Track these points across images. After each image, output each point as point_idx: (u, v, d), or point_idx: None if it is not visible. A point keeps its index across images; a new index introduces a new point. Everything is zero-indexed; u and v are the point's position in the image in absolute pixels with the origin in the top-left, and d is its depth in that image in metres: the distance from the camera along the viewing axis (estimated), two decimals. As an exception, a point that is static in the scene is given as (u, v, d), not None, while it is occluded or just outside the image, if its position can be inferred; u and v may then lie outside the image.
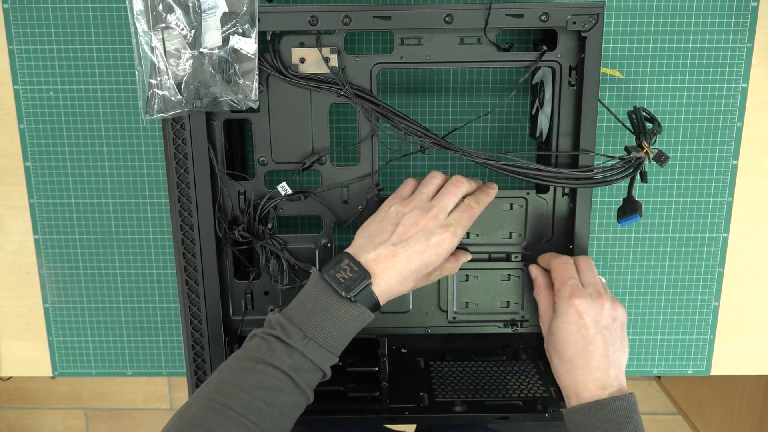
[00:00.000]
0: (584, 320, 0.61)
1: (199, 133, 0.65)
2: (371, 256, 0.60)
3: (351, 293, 0.58)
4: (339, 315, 0.58)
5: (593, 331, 0.61)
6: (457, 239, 0.62)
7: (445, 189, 0.63)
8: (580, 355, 0.61)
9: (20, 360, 0.87)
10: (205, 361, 0.70)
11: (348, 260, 0.59)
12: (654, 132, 0.66)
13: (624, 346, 0.64)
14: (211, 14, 0.61)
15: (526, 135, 0.78)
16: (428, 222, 0.61)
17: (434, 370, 0.79)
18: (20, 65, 0.76)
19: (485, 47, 0.65)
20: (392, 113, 0.65)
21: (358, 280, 0.59)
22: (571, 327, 0.62)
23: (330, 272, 0.59)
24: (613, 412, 0.59)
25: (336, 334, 0.59)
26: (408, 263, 0.60)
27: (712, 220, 0.80)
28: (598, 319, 0.62)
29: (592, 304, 0.62)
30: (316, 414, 0.73)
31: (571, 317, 0.62)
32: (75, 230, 0.81)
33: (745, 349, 0.85)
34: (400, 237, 0.60)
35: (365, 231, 0.63)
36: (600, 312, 0.62)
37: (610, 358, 0.61)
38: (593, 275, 0.65)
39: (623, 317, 0.64)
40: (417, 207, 0.62)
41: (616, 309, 0.63)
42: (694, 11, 0.74)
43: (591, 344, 0.61)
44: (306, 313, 0.59)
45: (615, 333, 0.62)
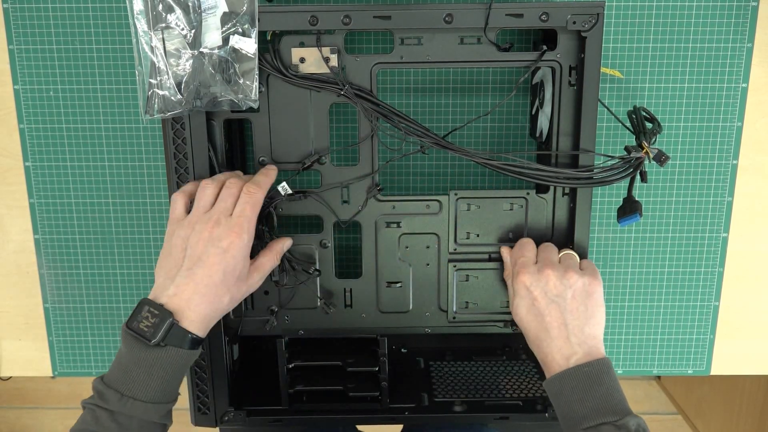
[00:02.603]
0: (533, 293, 0.62)
1: (199, 133, 0.65)
2: (170, 292, 0.58)
3: (156, 339, 0.57)
4: (152, 364, 0.57)
5: (544, 303, 0.62)
6: (247, 234, 0.60)
7: (221, 195, 0.62)
8: (539, 329, 0.62)
9: (20, 360, 0.87)
10: (205, 362, 0.70)
11: (148, 306, 0.58)
12: (654, 132, 0.66)
13: (590, 313, 0.62)
14: (211, 14, 0.61)
15: (526, 135, 0.78)
16: (212, 231, 0.59)
17: (434, 370, 0.79)
18: (20, 65, 0.76)
19: (485, 47, 0.65)
20: (392, 113, 0.65)
21: (160, 323, 0.57)
22: (525, 302, 0.63)
23: (133, 324, 0.57)
24: (582, 379, 0.59)
25: (156, 384, 0.57)
26: (210, 279, 0.58)
27: (712, 220, 0.80)
28: (547, 290, 0.62)
29: (538, 277, 0.63)
30: (317, 414, 0.73)
31: (522, 293, 0.63)
32: (75, 230, 0.81)
33: (745, 349, 0.85)
34: (192, 258, 0.59)
35: (160, 269, 0.61)
36: (547, 283, 0.62)
37: (568, 325, 0.61)
38: (549, 253, 0.66)
39: (582, 284, 0.62)
40: (197, 222, 0.60)
41: (568, 278, 0.62)
42: (694, 11, 0.74)
43: (546, 316, 0.62)
44: (121, 372, 0.57)
45: (573, 300, 0.62)
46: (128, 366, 0.57)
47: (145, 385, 0.57)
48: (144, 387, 0.57)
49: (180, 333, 0.58)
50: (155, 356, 0.57)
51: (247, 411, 0.72)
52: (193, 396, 0.72)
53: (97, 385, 0.58)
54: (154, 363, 0.57)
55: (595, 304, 0.63)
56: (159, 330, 0.57)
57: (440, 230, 0.70)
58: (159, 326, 0.57)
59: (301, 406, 0.74)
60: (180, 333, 0.58)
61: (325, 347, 0.77)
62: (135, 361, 0.57)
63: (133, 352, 0.57)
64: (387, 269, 0.71)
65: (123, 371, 0.58)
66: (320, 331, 0.72)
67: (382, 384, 0.72)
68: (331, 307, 0.71)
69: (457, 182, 0.80)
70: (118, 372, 0.58)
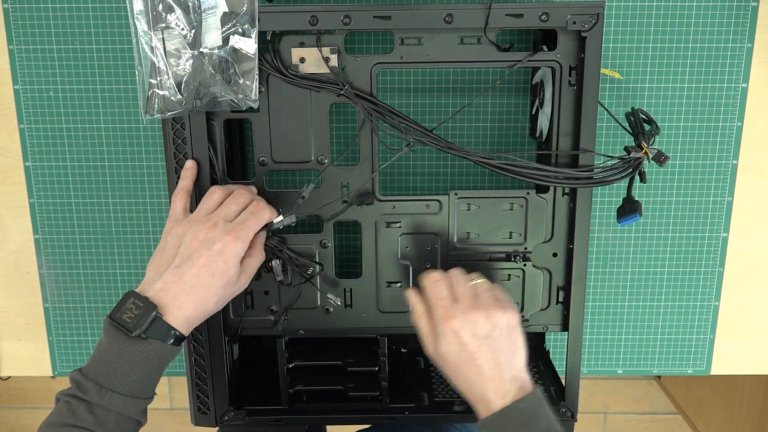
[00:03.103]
0: (463, 339, 0.60)
1: (199, 133, 0.65)
2: (158, 286, 0.58)
3: (139, 330, 0.56)
4: (133, 357, 0.56)
5: (475, 346, 0.59)
6: (242, 241, 0.60)
7: (226, 202, 0.62)
8: (471, 371, 0.60)
9: (20, 360, 0.87)
10: (205, 361, 0.70)
11: (133, 298, 0.57)
12: (652, 133, 0.66)
13: (516, 346, 0.62)
14: (211, 14, 0.61)
15: (526, 135, 0.78)
16: (208, 232, 0.59)
17: (434, 370, 0.79)
18: (20, 65, 0.76)
19: (485, 47, 0.65)
20: (392, 113, 0.65)
21: (144, 315, 0.56)
22: (454, 348, 0.60)
23: (116, 315, 0.57)
24: (520, 415, 0.58)
25: (136, 377, 0.57)
26: (197, 279, 0.58)
27: (712, 220, 0.80)
28: (476, 332, 0.60)
29: (465, 320, 0.60)
30: (317, 414, 0.73)
31: (450, 339, 0.60)
32: (75, 230, 0.81)
33: (745, 349, 0.85)
34: (183, 256, 0.59)
35: (152, 264, 0.61)
36: (476, 325, 0.60)
37: (501, 364, 0.60)
38: (464, 286, 0.63)
39: (505, 319, 0.61)
40: (196, 222, 0.60)
41: (493, 316, 0.61)
42: (694, 11, 0.74)
43: (478, 358, 0.59)
44: (102, 363, 0.57)
45: (500, 338, 0.61)
46: (108, 357, 0.57)
47: (125, 377, 0.57)
48: (124, 380, 0.57)
49: (163, 327, 0.57)
50: (137, 348, 0.57)
51: (247, 411, 0.72)
52: (193, 396, 0.72)
53: (76, 376, 0.57)
54: (136, 355, 0.57)
55: (518, 335, 0.62)
56: (142, 322, 0.56)
57: (440, 230, 0.70)
58: (142, 318, 0.56)
59: (301, 406, 0.74)
60: (163, 327, 0.57)
61: (325, 347, 0.77)
62: (116, 353, 0.57)
63: (114, 343, 0.57)
64: (387, 269, 0.71)
65: (103, 363, 0.57)
66: (320, 331, 0.72)
67: (382, 384, 0.72)
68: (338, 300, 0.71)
69: (457, 182, 0.80)
70: (98, 363, 0.57)
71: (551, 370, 0.78)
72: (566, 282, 0.71)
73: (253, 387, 0.76)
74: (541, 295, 0.72)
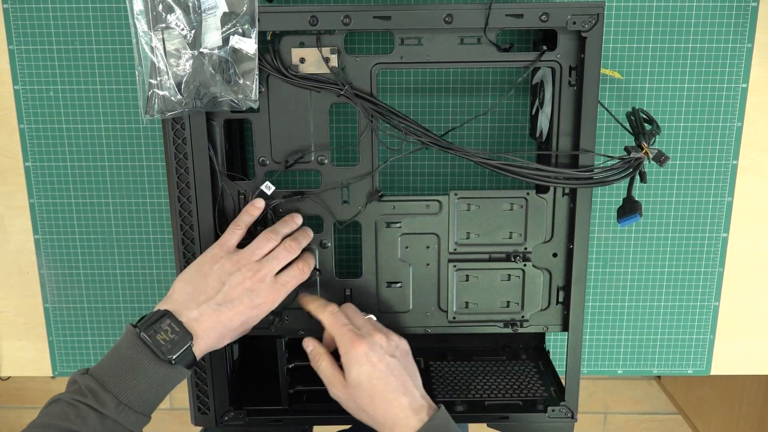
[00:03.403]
0: (373, 359, 0.61)
1: (199, 133, 0.65)
2: (194, 315, 0.59)
3: (171, 356, 0.57)
4: (157, 378, 0.57)
5: (385, 365, 0.61)
6: (279, 301, 0.64)
7: (276, 252, 0.64)
8: (388, 390, 0.61)
9: (20, 360, 0.87)
10: (205, 361, 0.70)
11: (170, 321, 0.58)
12: (653, 133, 0.66)
13: (413, 368, 0.65)
14: (211, 14, 0.61)
15: (526, 135, 0.78)
16: (255, 284, 0.62)
17: (434, 370, 0.79)
18: (20, 65, 0.76)
19: (485, 47, 0.65)
20: (392, 113, 0.65)
21: (180, 342, 0.58)
22: (366, 369, 0.61)
23: (150, 332, 0.58)
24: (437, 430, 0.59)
25: (152, 396, 0.58)
26: (230, 323, 0.61)
27: (712, 220, 0.80)
28: (384, 352, 0.62)
29: (372, 342, 0.62)
30: (317, 414, 0.73)
31: (362, 361, 0.61)
32: (75, 230, 0.81)
33: (745, 349, 0.85)
34: (226, 296, 0.61)
35: (188, 285, 0.62)
36: (381, 345, 0.62)
37: (410, 381, 0.62)
38: (360, 317, 0.66)
39: (403, 344, 0.65)
40: (245, 267, 0.62)
41: (393, 338, 0.64)
42: (694, 11, 0.74)
43: (390, 375, 0.61)
44: (120, 376, 0.57)
45: (402, 358, 0.63)
46: (130, 372, 0.57)
47: (143, 396, 0.57)
48: (141, 398, 0.57)
49: (190, 355, 0.59)
50: (164, 372, 0.58)
51: (247, 411, 0.72)
52: (193, 396, 0.72)
53: (91, 384, 0.56)
54: (160, 378, 0.58)
55: (412, 360, 0.65)
56: (177, 349, 0.58)
57: (440, 230, 0.70)
58: (177, 345, 0.58)
59: (301, 406, 0.74)
60: (190, 355, 0.59)
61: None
62: (140, 370, 0.57)
63: (140, 360, 0.57)
64: (387, 269, 0.71)
65: (122, 376, 0.57)
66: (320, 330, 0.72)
67: (382, 384, 0.72)
68: None
69: (457, 182, 0.80)
70: (116, 375, 0.57)
71: (551, 370, 0.78)
72: (566, 282, 0.71)
73: (253, 387, 0.76)
74: (541, 295, 0.72)
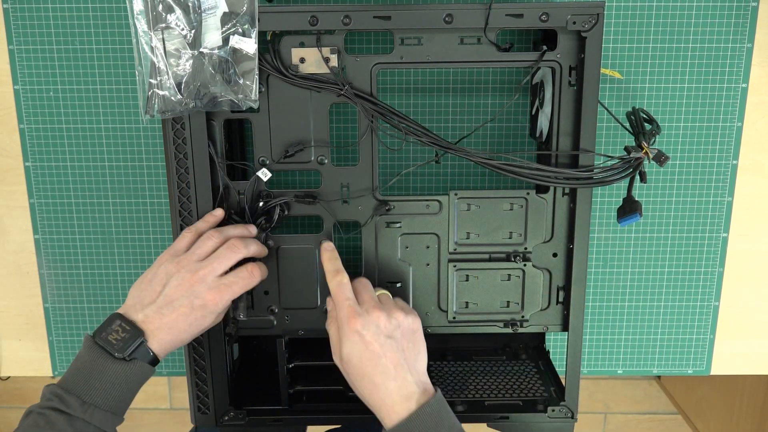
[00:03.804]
0: (366, 338, 0.60)
1: (199, 133, 0.65)
2: (140, 317, 0.61)
3: (125, 353, 0.59)
4: (117, 376, 0.59)
5: (378, 345, 0.60)
6: (224, 303, 0.62)
7: (219, 252, 0.63)
8: (376, 372, 0.60)
9: (20, 360, 0.87)
10: (205, 361, 0.70)
11: (120, 321, 0.60)
12: (653, 133, 0.66)
13: (418, 349, 0.63)
14: (211, 14, 0.61)
15: (526, 135, 0.78)
16: (194, 285, 0.61)
17: (434, 370, 0.79)
18: (20, 65, 0.76)
19: (485, 47, 0.65)
20: (392, 113, 0.65)
21: (130, 339, 0.59)
22: (358, 347, 0.61)
23: (102, 335, 0.60)
24: (429, 420, 0.59)
25: (117, 393, 0.59)
26: (175, 323, 0.61)
27: (712, 220, 0.80)
28: (379, 331, 0.61)
29: (368, 320, 0.61)
30: (317, 414, 0.73)
31: (354, 338, 0.61)
32: (75, 230, 0.81)
33: (745, 349, 0.85)
34: (166, 299, 0.61)
35: (136, 289, 0.63)
36: (378, 324, 0.61)
37: (404, 365, 0.61)
38: (368, 292, 0.65)
39: (408, 322, 0.63)
40: (185, 268, 0.62)
41: (395, 317, 0.62)
42: (694, 11, 0.74)
43: (382, 357, 0.60)
44: (83, 379, 0.59)
45: (403, 339, 0.62)
46: (90, 375, 0.59)
47: (107, 394, 0.59)
48: (106, 396, 0.59)
49: (145, 351, 0.60)
50: (122, 369, 0.59)
51: (247, 411, 0.72)
52: (193, 396, 0.72)
53: (55, 390, 0.59)
54: (119, 374, 0.59)
55: (420, 340, 0.64)
56: (128, 346, 0.59)
57: (440, 230, 0.70)
58: (129, 342, 0.59)
59: (301, 406, 0.74)
60: (145, 351, 0.60)
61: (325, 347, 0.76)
62: (99, 371, 0.59)
63: (98, 361, 0.59)
64: (387, 269, 0.71)
65: (84, 379, 0.59)
66: (320, 331, 0.72)
67: (382, 384, 0.72)
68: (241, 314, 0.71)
69: (457, 182, 0.80)
70: (78, 379, 0.59)
71: (551, 370, 0.78)
72: (566, 282, 0.71)
73: (253, 387, 0.76)
74: (541, 295, 0.72)
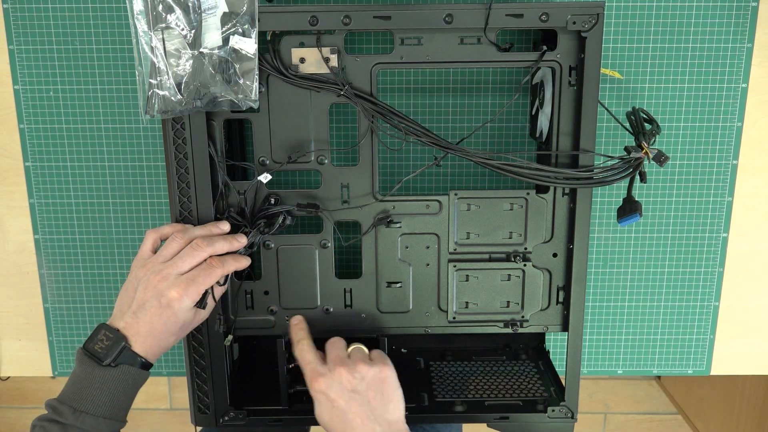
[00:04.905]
0: (330, 396, 0.62)
1: (199, 133, 0.65)
2: (121, 324, 0.63)
3: (109, 359, 0.61)
4: (104, 381, 0.61)
5: (343, 402, 0.62)
6: (190, 297, 0.63)
7: (182, 252, 0.64)
8: (346, 428, 0.61)
9: (20, 360, 0.87)
10: (205, 361, 0.70)
11: (104, 330, 0.62)
12: (653, 133, 0.66)
13: (389, 397, 0.63)
14: (211, 14, 0.61)
15: (526, 135, 0.78)
16: (158, 284, 0.62)
17: (434, 370, 0.79)
18: (20, 65, 0.76)
19: (485, 47, 0.65)
20: (392, 113, 0.65)
21: (114, 346, 0.61)
22: (325, 407, 0.62)
23: (89, 345, 0.62)
24: None
25: (108, 399, 0.61)
26: (151, 325, 0.62)
27: (712, 220, 0.80)
28: (342, 389, 0.62)
29: (330, 378, 0.62)
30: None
31: (320, 398, 0.63)
32: (75, 230, 0.81)
33: (745, 349, 0.85)
34: (138, 303, 0.63)
35: (118, 299, 0.65)
36: (341, 381, 0.62)
37: (372, 417, 0.62)
38: (335, 350, 0.66)
39: (373, 373, 0.63)
40: (150, 270, 0.63)
41: (359, 370, 0.63)
42: (694, 11, 0.74)
43: (348, 413, 0.61)
44: (75, 390, 0.61)
45: (368, 391, 0.63)
46: (81, 384, 0.61)
47: (97, 400, 0.61)
48: (96, 402, 0.61)
49: (131, 355, 0.62)
50: (108, 374, 0.61)
51: (247, 411, 0.72)
52: (193, 396, 0.72)
53: (51, 402, 0.61)
54: (107, 379, 0.61)
55: (391, 388, 0.64)
56: (112, 352, 0.61)
57: (440, 230, 0.70)
58: (112, 348, 0.61)
59: (301, 406, 0.74)
60: (131, 355, 0.62)
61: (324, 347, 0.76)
62: (88, 379, 0.61)
63: (86, 370, 0.61)
64: (387, 269, 0.71)
65: (76, 389, 0.61)
66: (320, 331, 0.72)
67: (382, 384, 0.72)
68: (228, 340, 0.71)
69: (457, 182, 0.80)
70: (71, 390, 0.61)
71: (551, 370, 0.78)
72: (566, 282, 0.71)
73: (253, 387, 0.76)
74: (541, 295, 0.72)
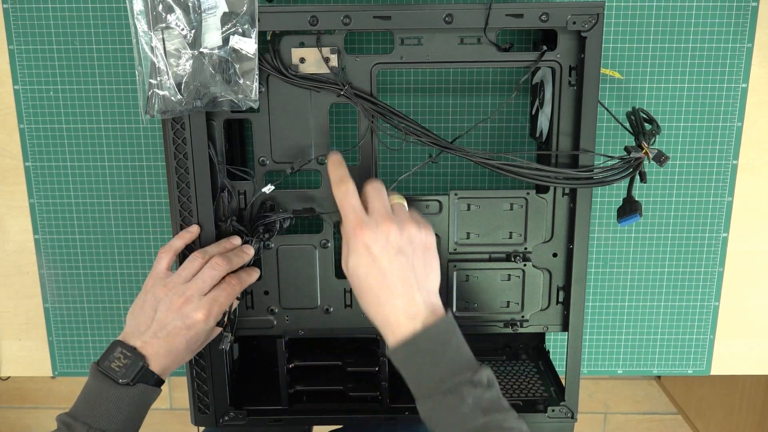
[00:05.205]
0: (373, 252, 0.57)
1: (199, 133, 0.65)
2: (139, 343, 0.62)
3: (128, 378, 0.61)
4: (121, 400, 0.61)
5: (386, 261, 0.57)
6: (214, 318, 0.64)
7: (202, 272, 0.64)
8: (380, 288, 0.57)
9: (20, 360, 0.87)
10: (205, 361, 0.70)
11: (121, 348, 0.62)
12: (653, 133, 0.66)
13: (430, 267, 0.59)
14: (211, 14, 0.61)
15: (526, 135, 0.78)
16: (183, 306, 0.62)
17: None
18: (20, 65, 0.76)
19: (485, 47, 0.65)
20: (392, 113, 0.65)
21: (133, 365, 0.61)
22: (363, 261, 0.57)
23: (105, 363, 0.61)
24: (433, 341, 0.56)
25: (123, 417, 0.61)
26: (172, 345, 0.62)
27: (712, 220, 0.80)
28: (388, 246, 0.57)
29: (377, 232, 0.57)
30: (317, 414, 0.73)
31: (361, 251, 0.57)
32: (75, 230, 0.81)
33: (745, 349, 0.85)
34: (159, 324, 0.62)
35: (132, 317, 0.65)
36: (387, 238, 0.57)
37: (412, 283, 0.57)
38: (379, 200, 0.60)
39: (421, 238, 0.59)
40: (171, 291, 0.63)
41: (408, 231, 0.58)
42: (694, 11, 0.74)
43: (388, 273, 0.57)
44: (89, 407, 0.61)
45: (414, 255, 0.58)
46: (96, 401, 0.61)
47: (113, 418, 0.60)
48: (111, 420, 0.60)
49: (147, 374, 0.62)
50: (126, 393, 0.61)
51: (247, 411, 0.72)
52: (193, 396, 0.72)
53: (64, 419, 0.61)
54: (124, 399, 0.61)
55: (433, 257, 0.60)
56: (131, 371, 0.61)
57: (440, 230, 0.70)
58: (131, 368, 0.61)
59: (301, 406, 0.74)
60: (147, 374, 0.62)
61: (325, 347, 0.77)
62: (104, 397, 0.60)
63: (102, 388, 0.61)
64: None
65: (90, 406, 0.61)
66: (320, 331, 0.72)
67: (382, 384, 0.72)
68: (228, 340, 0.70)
69: (457, 182, 0.80)
70: (86, 407, 0.61)
71: (551, 370, 0.78)
72: (566, 282, 0.71)
73: (253, 387, 0.76)
74: (541, 295, 0.72)
